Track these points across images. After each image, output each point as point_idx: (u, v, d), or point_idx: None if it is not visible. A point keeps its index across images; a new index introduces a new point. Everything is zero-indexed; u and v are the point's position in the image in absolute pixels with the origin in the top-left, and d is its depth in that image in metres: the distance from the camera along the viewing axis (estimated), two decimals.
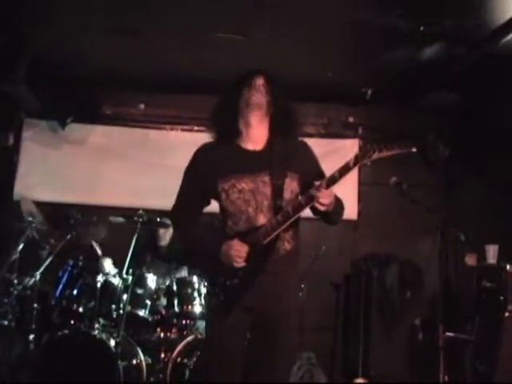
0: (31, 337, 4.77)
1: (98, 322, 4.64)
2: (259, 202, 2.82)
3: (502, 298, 4.85)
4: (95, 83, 6.18)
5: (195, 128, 6.22)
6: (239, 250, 2.75)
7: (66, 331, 4.54)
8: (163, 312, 4.90)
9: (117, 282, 4.82)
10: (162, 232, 5.37)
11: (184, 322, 4.99)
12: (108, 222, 5.30)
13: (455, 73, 5.22)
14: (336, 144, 6.53)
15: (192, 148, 3.08)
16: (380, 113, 6.49)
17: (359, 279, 5.95)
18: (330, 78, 5.70)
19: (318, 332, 5.99)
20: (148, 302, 4.84)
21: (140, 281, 4.87)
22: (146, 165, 6.26)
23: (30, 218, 4.98)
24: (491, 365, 4.76)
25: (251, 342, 2.87)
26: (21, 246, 4.90)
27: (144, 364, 4.66)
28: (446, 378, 4.84)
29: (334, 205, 2.76)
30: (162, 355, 4.84)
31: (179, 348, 4.65)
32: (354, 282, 6.12)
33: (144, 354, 4.71)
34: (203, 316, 4.80)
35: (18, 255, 4.89)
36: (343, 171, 2.64)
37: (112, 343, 4.45)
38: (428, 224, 5.49)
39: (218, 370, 2.81)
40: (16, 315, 4.78)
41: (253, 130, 2.94)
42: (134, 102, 6.48)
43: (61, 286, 4.77)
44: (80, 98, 6.19)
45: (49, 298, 4.84)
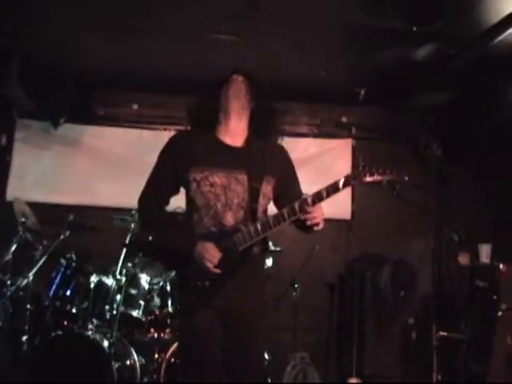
0: (24, 338, 4.74)
1: (92, 323, 4.63)
2: (229, 198, 2.81)
3: (495, 297, 4.87)
4: (88, 83, 6.18)
5: (189, 128, 6.20)
6: (214, 255, 2.73)
7: (60, 332, 4.53)
8: (157, 312, 4.90)
9: (110, 282, 4.81)
10: None
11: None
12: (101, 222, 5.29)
13: (448, 73, 5.23)
14: (329, 144, 6.56)
15: None
16: (373, 113, 6.51)
17: (353, 279, 5.95)
18: (323, 78, 5.71)
19: (312, 332, 6.00)
20: (141, 303, 4.83)
21: (133, 281, 4.87)
22: (139, 165, 6.23)
23: (23, 219, 4.97)
24: (484, 364, 4.78)
25: (225, 341, 2.86)
26: (14, 246, 4.90)
27: (138, 364, 4.65)
28: (439, 377, 4.87)
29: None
30: (156, 355, 4.84)
31: (173, 348, 4.64)
32: (347, 282, 6.13)
33: (138, 355, 4.70)
34: None
35: (10, 256, 4.88)
36: (331, 190, 2.64)
37: (105, 344, 4.44)
38: (421, 224, 5.52)
39: (197, 372, 2.78)
40: (9, 316, 4.76)
41: (232, 122, 2.92)
42: (128, 102, 6.48)
43: (54, 287, 4.77)
44: (73, 98, 6.17)
45: (42, 299, 4.82)
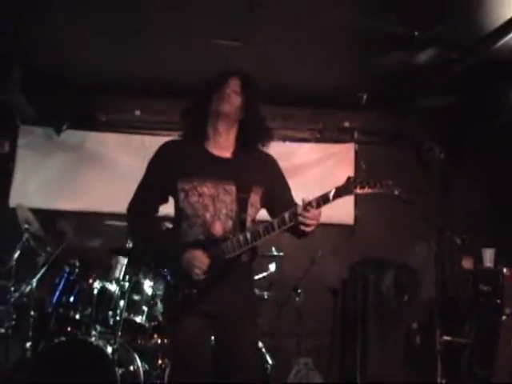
0: (28, 344, 4.74)
1: (95, 329, 4.63)
2: (218, 209, 2.81)
3: (498, 302, 4.86)
4: (90, 89, 6.19)
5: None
6: (202, 262, 2.73)
7: (63, 338, 4.53)
8: (160, 318, 4.89)
9: (113, 288, 4.81)
10: None
11: None
12: (104, 228, 5.29)
13: (450, 77, 5.23)
14: (332, 149, 6.55)
15: None
16: (375, 117, 6.51)
17: (356, 284, 5.94)
18: (325, 82, 5.72)
19: (315, 337, 6.00)
20: (145, 308, 4.83)
21: (137, 287, 4.86)
22: (141, 171, 6.22)
23: (26, 226, 4.97)
24: (488, 368, 4.76)
25: (217, 345, 2.88)
26: (17, 253, 4.90)
27: (141, 370, 4.64)
28: (443, 382, 4.85)
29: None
30: (159, 361, 4.83)
31: None
32: (350, 286, 6.11)
33: (141, 361, 4.69)
34: None
35: (14, 263, 4.88)
36: (322, 201, 2.63)
37: (109, 350, 4.44)
38: (424, 228, 5.50)
39: (192, 377, 2.76)
40: (13, 322, 4.76)
41: (221, 138, 2.93)
42: (130, 108, 6.48)
43: (57, 293, 4.76)
44: (75, 104, 6.19)
45: (45, 305, 4.82)
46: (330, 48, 5.02)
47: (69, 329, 4.83)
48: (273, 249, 5.36)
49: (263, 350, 5.05)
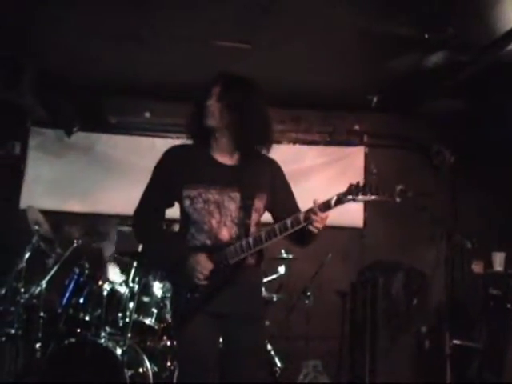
0: (38, 345, 4.75)
1: (105, 331, 4.63)
2: (223, 215, 2.83)
3: (508, 306, 4.84)
4: (101, 92, 6.22)
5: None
6: (205, 267, 2.74)
7: (73, 339, 4.54)
8: (169, 320, 4.89)
9: (123, 290, 4.82)
10: None
11: None
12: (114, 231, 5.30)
13: (460, 80, 5.22)
14: (341, 152, 6.55)
15: None
16: (385, 120, 6.50)
17: (365, 287, 5.94)
18: (336, 85, 5.72)
19: (325, 340, 5.98)
20: (154, 310, 4.83)
21: (146, 289, 4.87)
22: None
23: (37, 227, 4.98)
24: (498, 373, 4.74)
25: (224, 346, 2.90)
26: (27, 254, 4.91)
27: (150, 372, 4.63)
28: None
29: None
30: (169, 363, 4.83)
31: None
32: (359, 289, 6.11)
33: (150, 362, 4.69)
34: None
35: (24, 264, 4.89)
36: (323, 208, 2.64)
37: (118, 351, 4.45)
38: (434, 231, 5.49)
39: (198, 378, 2.76)
40: (22, 324, 4.77)
41: (222, 146, 2.92)
42: (140, 110, 6.51)
43: (67, 295, 4.77)
44: (86, 106, 6.22)
45: (55, 307, 4.83)
46: (339, 51, 5.02)
47: (78, 330, 4.82)
48: (282, 251, 5.36)
49: (272, 352, 5.06)
